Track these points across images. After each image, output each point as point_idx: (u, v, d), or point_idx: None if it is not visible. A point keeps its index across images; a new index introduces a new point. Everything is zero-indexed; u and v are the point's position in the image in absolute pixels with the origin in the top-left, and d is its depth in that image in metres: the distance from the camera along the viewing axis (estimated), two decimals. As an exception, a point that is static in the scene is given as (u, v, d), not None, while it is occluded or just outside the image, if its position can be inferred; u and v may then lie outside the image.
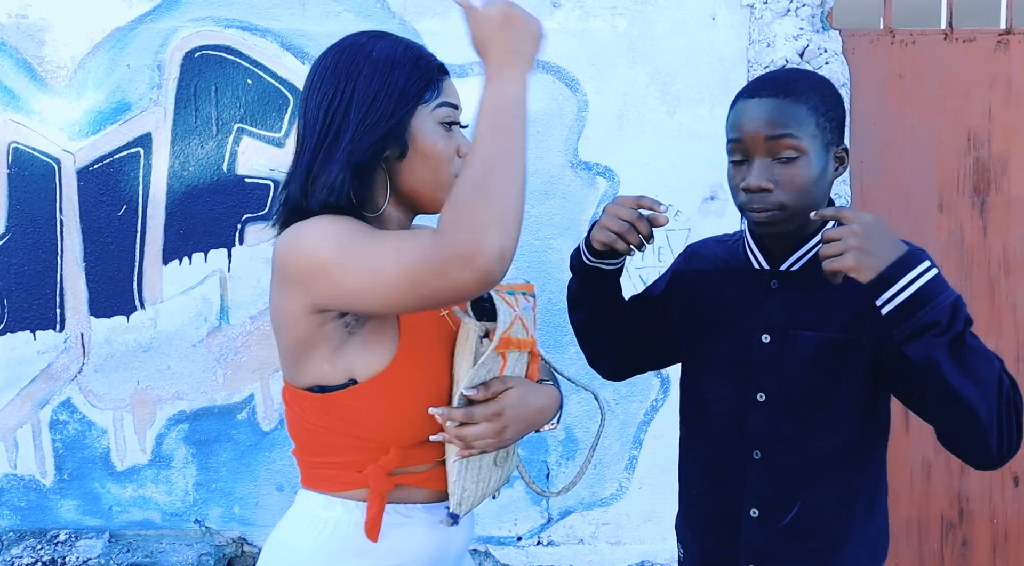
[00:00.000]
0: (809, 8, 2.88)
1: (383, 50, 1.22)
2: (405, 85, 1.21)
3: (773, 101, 1.32)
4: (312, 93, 1.24)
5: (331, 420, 1.22)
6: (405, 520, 1.24)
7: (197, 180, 2.88)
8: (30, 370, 2.90)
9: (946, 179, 3.02)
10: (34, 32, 2.86)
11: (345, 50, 1.24)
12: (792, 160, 1.31)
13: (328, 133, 1.20)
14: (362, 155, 1.20)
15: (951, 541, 3.05)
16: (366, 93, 1.20)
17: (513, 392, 1.22)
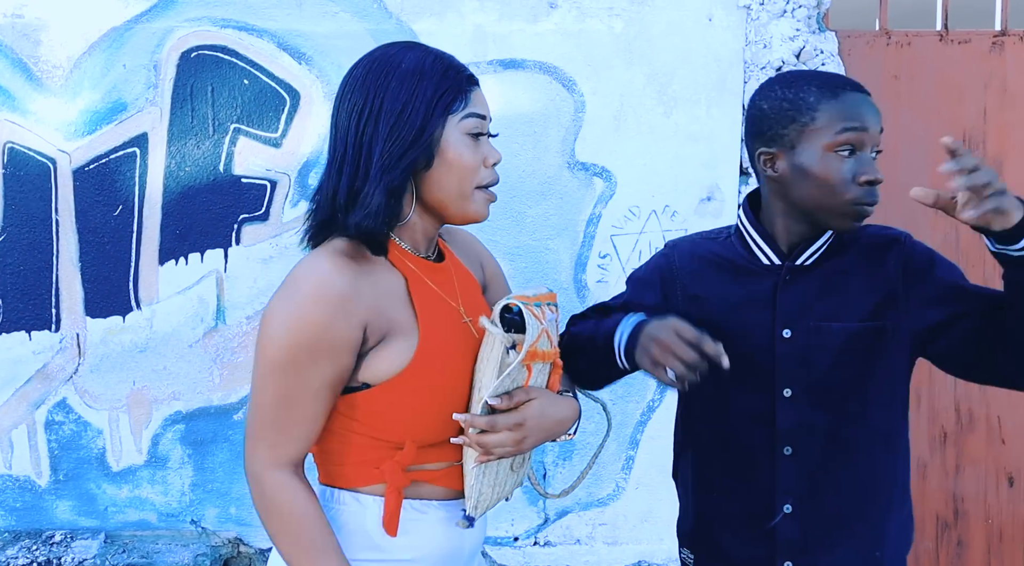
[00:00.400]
0: (805, 9, 2.89)
1: (412, 61, 1.24)
2: (433, 96, 1.22)
3: (870, 98, 1.36)
4: (343, 103, 1.25)
5: (346, 420, 1.24)
6: (420, 516, 1.26)
7: (193, 180, 2.88)
8: (25, 370, 2.89)
9: (942, 180, 3.01)
10: (30, 32, 2.85)
11: (375, 61, 1.25)
12: (878, 154, 1.36)
13: (361, 146, 1.22)
14: (396, 177, 1.21)
15: (946, 541, 3.06)
16: (394, 104, 1.22)
17: (535, 403, 1.24)
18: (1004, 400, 3.05)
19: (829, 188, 1.33)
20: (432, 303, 1.28)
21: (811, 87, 1.35)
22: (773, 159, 1.39)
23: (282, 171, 2.89)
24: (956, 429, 3.05)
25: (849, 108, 1.33)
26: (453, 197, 1.26)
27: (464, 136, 1.25)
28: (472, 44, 2.87)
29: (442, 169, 1.24)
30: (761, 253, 1.43)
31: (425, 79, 1.23)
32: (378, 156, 1.21)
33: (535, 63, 2.88)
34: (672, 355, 1.24)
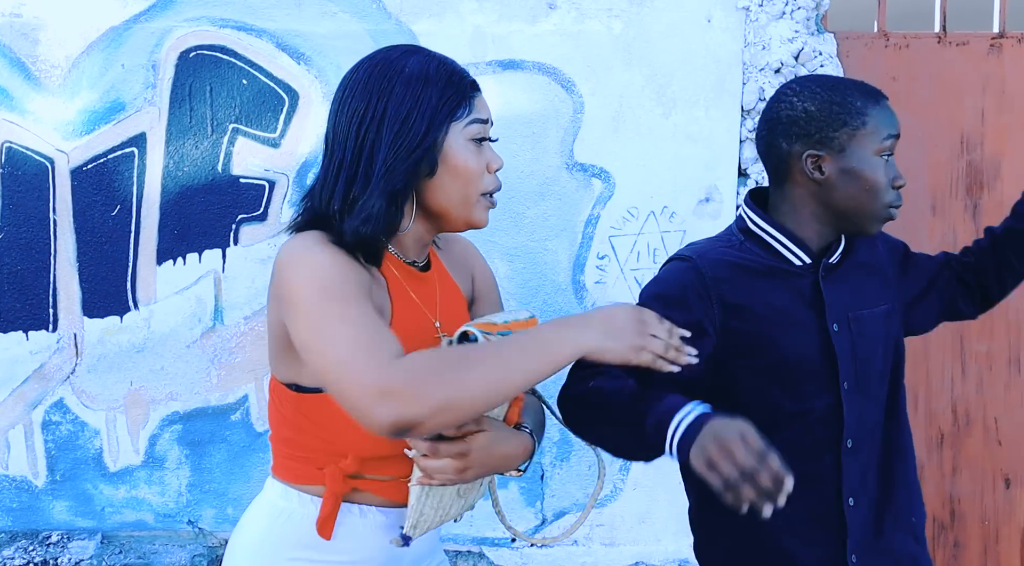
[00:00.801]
0: (804, 11, 2.89)
1: (415, 66, 1.22)
2: (438, 102, 1.21)
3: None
4: (343, 107, 1.23)
5: (301, 418, 1.24)
6: (360, 520, 1.25)
7: (192, 180, 2.88)
8: (22, 370, 2.88)
9: (939, 182, 3.03)
10: (28, 31, 2.85)
11: (377, 65, 1.23)
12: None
13: (362, 152, 1.20)
14: (398, 182, 1.19)
15: (943, 542, 3.07)
16: (398, 110, 1.20)
17: (483, 436, 1.19)
18: (1001, 402, 3.05)
19: (874, 191, 1.39)
20: (408, 314, 1.25)
21: (855, 92, 1.39)
22: (819, 161, 1.39)
23: (280, 171, 2.89)
24: (953, 431, 3.05)
25: (891, 115, 1.40)
26: (456, 204, 1.24)
27: (468, 142, 1.24)
28: (471, 45, 2.86)
29: (446, 176, 1.22)
30: (791, 254, 1.42)
31: (429, 85, 1.21)
32: (380, 162, 1.19)
33: (534, 64, 2.88)
34: (731, 460, 1.10)
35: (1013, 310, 3.04)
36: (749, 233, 1.45)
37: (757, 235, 1.44)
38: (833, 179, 1.39)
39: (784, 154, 1.41)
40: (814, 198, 1.40)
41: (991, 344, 3.03)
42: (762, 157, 1.47)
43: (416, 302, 1.27)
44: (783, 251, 1.42)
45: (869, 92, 1.40)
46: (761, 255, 1.43)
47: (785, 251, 1.42)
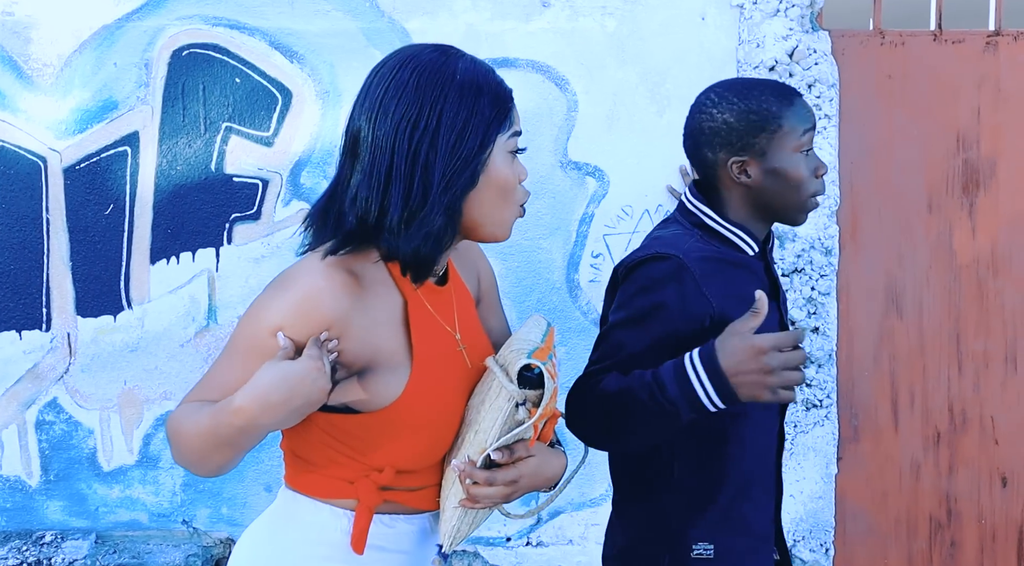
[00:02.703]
0: (799, 9, 2.88)
1: (466, 74, 1.17)
2: (491, 114, 1.17)
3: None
4: (383, 110, 1.16)
5: (327, 437, 1.21)
6: (388, 530, 1.24)
7: (185, 179, 2.87)
8: (16, 370, 2.88)
9: (935, 180, 3.02)
10: (20, 30, 2.84)
11: (425, 68, 1.17)
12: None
13: (415, 163, 1.14)
14: (458, 197, 1.16)
15: (939, 541, 3.06)
16: (454, 121, 1.15)
17: (533, 461, 1.21)
18: (998, 400, 3.05)
19: (798, 185, 1.48)
20: (429, 331, 1.23)
21: (768, 97, 1.47)
22: (744, 166, 1.47)
23: (274, 170, 2.89)
24: (949, 429, 3.05)
25: (804, 111, 1.48)
26: (491, 216, 1.20)
27: (507, 154, 1.20)
28: (464, 43, 2.83)
29: (485, 189, 1.18)
30: (746, 245, 1.51)
31: (482, 95, 1.17)
32: (439, 175, 1.14)
33: (528, 62, 2.88)
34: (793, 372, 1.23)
35: (1009, 308, 3.03)
36: (704, 227, 1.50)
37: (713, 228, 1.50)
38: (760, 181, 1.48)
39: (711, 162, 1.50)
40: (745, 198, 1.50)
41: (987, 343, 3.03)
42: (691, 163, 1.57)
43: (436, 319, 1.24)
44: (739, 243, 1.50)
45: (782, 93, 1.49)
46: (723, 248, 1.49)
47: (741, 243, 1.50)
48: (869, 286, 3.01)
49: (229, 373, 1.17)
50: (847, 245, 2.99)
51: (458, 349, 1.25)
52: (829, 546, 2.99)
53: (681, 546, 1.46)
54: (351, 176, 1.18)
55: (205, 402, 1.17)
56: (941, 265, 3.02)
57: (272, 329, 1.13)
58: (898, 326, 3.02)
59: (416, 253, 1.15)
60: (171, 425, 1.19)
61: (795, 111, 1.47)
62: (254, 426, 1.12)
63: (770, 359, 1.22)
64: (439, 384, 1.20)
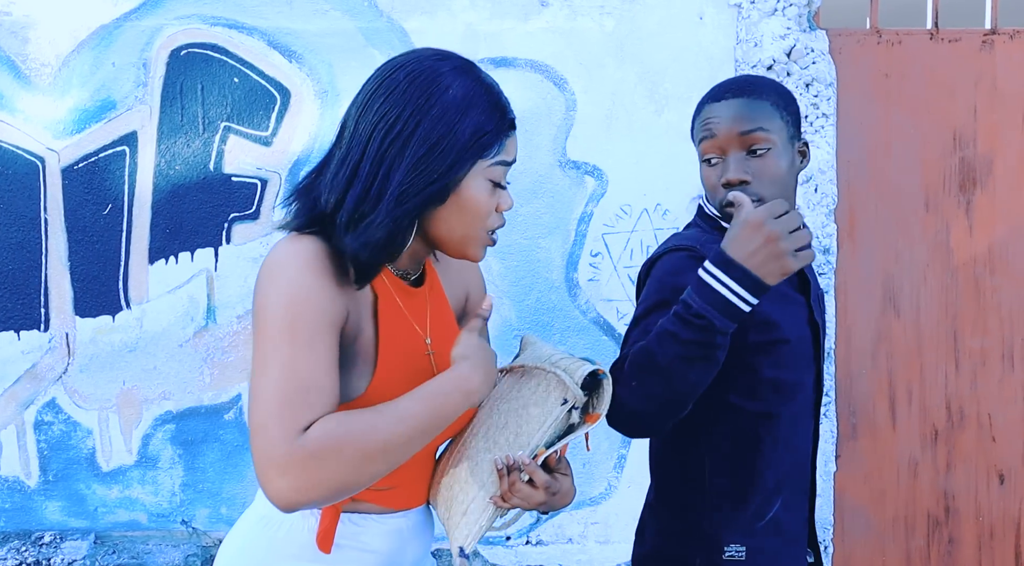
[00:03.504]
0: (796, 8, 2.89)
1: (460, 90, 1.14)
2: (471, 138, 1.14)
3: (740, 100, 1.42)
4: (371, 105, 1.15)
5: None
6: (357, 529, 1.23)
7: (183, 179, 2.87)
8: (14, 370, 2.87)
9: (932, 179, 3.03)
10: (18, 29, 2.84)
11: (422, 74, 1.15)
12: (765, 152, 1.41)
13: (380, 164, 1.13)
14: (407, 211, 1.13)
15: (937, 539, 3.07)
16: (429, 134, 1.13)
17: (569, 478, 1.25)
18: (995, 398, 3.06)
19: (710, 194, 1.47)
20: (398, 330, 1.21)
21: (698, 104, 1.49)
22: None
23: (272, 170, 2.88)
24: (947, 427, 3.05)
25: (705, 119, 1.44)
26: (456, 237, 1.18)
27: (485, 181, 1.17)
28: (463, 42, 2.86)
29: (453, 209, 1.16)
30: None
31: (468, 115, 1.14)
32: (396, 184, 1.12)
33: (526, 62, 2.88)
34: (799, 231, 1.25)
35: (1007, 306, 3.04)
36: (723, 230, 1.48)
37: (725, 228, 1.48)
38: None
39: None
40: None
41: (984, 340, 3.04)
42: None
43: (407, 318, 1.23)
44: None
45: (706, 97, 1.47)
46: None
47: None
48: (867, 284, 3.02)
49: (312, 365, 1.07)
50: (844, 243, 3.00)
51: (426, 352, 1.23)
52: (827, 544, 3.00)
53: (714, 548, 1.45)
54: (332, 161, 1.19)
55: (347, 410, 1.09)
56: (938, 263, 3.03)
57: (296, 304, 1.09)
58: (896, 324, 3.03)
59: (356, 256, 1.13)
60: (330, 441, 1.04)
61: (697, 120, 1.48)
62: (474, 401, 1.13)
63: (771, 226, 1.23)
64: (405, 383, 1.17)
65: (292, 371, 1.06)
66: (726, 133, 1.41)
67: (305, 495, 1.03)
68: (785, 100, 1.45)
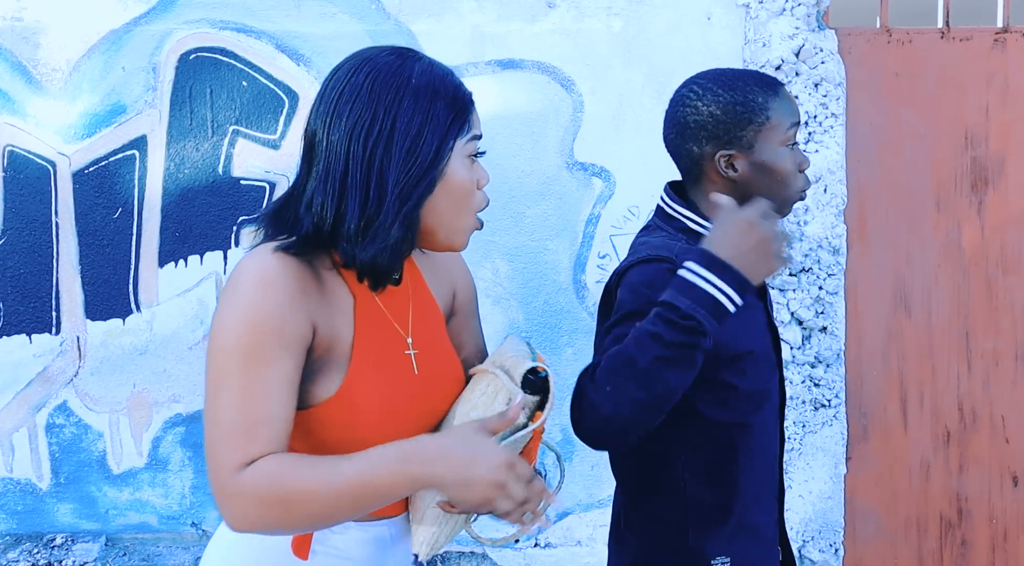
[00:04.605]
0: (805, 7, 2.88)
1: (421, 76, 1.15)
2: (446, 119, 1.15)
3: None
4: (337, 114, 1.14)
5: None
6: (337, 536, 1.21)
7: (192, 182, 2.88)
8: (26, 373, 2.89)
9: (943, 178, 3.01)
10: (29, 35, 2.86)
11: (380, 71, 1.14)
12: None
13: (370, 169, 1.12)
14: (414, 205, 1.13)
15: (950, 541, 3.04)
16: (408, 126, 1.12)
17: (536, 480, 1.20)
18: (1008, 398, 3.03)
19: (786, 181, 1.44)
20: (376, 331, 1.20)
21: (754, 87, 1.43)
22: (731, 160, 1.43)
23: (281, 173, 2.89)
24: (959, 428, 3.03)
25: (790, 104, 1.45)
26: (447, 223, 1.18)
27: (465, 159, 1.17)
28: (470, 44, 2.86)
29: (441, 195, 1.16)
30: None
31: (438, 99, 1.14)
32: (393, 183, 1.11)
33: (533, 63, 2.88)
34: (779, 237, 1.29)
35: (1019, 306, 3.01)
36: (689, 231, 1.46)
37: (697, 232, 1.45)
38: (747, 175, 1.43)
39: (696, 156, 1.46)
40: (732, 194, 1.43)
41: (997, 341, 3.01)
42: (673, 158, 1.53)
43: (387, 318, 1.22)
44: None
45: (767, 84, 1.44)
46: None
47: None
48: (877, 285, 3.00)
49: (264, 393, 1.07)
50: (855, 244, 2.98)
51: (406, 352, 1.22)
52: (839, 546, 2.98)
53: (700, 561, 1.43)
54: (306, 181, 1.16)
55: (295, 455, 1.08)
56: (950, 263, 3.00)
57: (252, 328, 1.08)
58: (907, 325, 3.01)
59: (374, 263, 1.13)
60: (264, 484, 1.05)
61: (781, 103, 1.43)
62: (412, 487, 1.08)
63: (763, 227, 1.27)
64: (382, 384, 1.16)
65: (243, 400, 1.07)
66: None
67: (243, 524, 1.06)
68: None
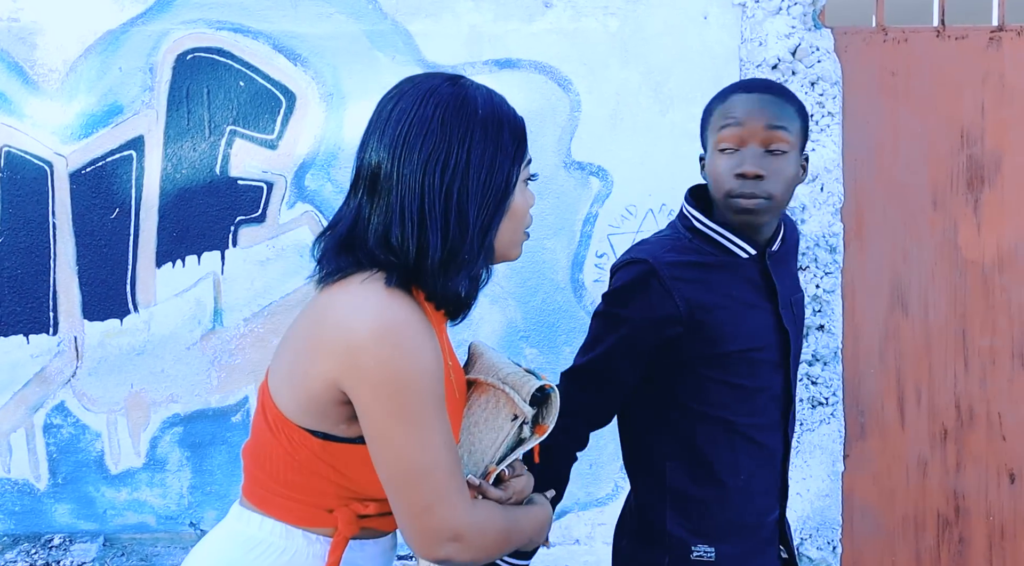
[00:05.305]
0: (801, 6, 2.88)
1: (487, 106, 1.18)
2: (511, 147, 1.18)
3: (772, 97, 1.44)
4: (410, 147, 1.14)
5: (323, 466, 1.17)
6: (358, 554, 1.21)
7: (190, 182, 2.88)
8: (23, 374, 2.89)
9: (939, 176, 3.02)
10: (25, 35, 2.86)
11: (448, 104, 1.16)
12: (783, 153, 1.43)
13: (449, 200, 1.13)
14: (493, 234, 1.17)
15: (947, 538, 3.05)
16: (482, 157, 1.15)
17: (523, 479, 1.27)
18: (1005, 396, 3.04)
19: (717, 183, 1.46)
20: (450, 367, 1.23)
21: (723, 90, 1.51)
22: (703, 162, 1.53)
23: (278, 173, 2.89)
24: (956, 426, 3.04)
25: (730, 108, 1.45)
26: (507, 245, 1.22)
27: (523, 183, 1.21)
28: (467, 44, 2.86)
29: (507, 219, 1.20)
30: (737, 248, 1.50)
31: (504, 128, 1.17)
32: (475, 213, 1.14)
33: (530, 63, 2.88)
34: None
35: (1016, 303, 3.02)
36: (696, 231, 1.51)
37: (704, 232, 1.50)
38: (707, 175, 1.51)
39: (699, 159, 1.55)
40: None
41: (993, 338, 3.02)
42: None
43: (450, 350, 1.26)
44: (729, 246, 1.50)
45: (731, 89, 1.48)
46: (711, 250, 1.50)
47: (731, 246, 1.49)
48: (874, 283, 3.01)
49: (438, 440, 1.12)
50: (852, 242, 2.99)
51: (451, 377, 1.23)
52: (836, 544, 2.99)
53: (681, 548, 1.49)
54: (372, 213, 1.16)
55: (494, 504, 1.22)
56: (947, 262, 3.01)
57: (431, 373, 1.11)
58: (904, 323, 3.02)
59: (458, 294, 1.16)
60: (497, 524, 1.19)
61: (722, 107, 1.46)
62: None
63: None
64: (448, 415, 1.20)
65: (444, 444, 1.13)
66: (753, 123, 1.41)
67: (466, 557, 1.16)
68: (803, 114, 1.48)
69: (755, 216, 1.44)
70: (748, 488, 1.50)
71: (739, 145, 1.42)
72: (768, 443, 1.51)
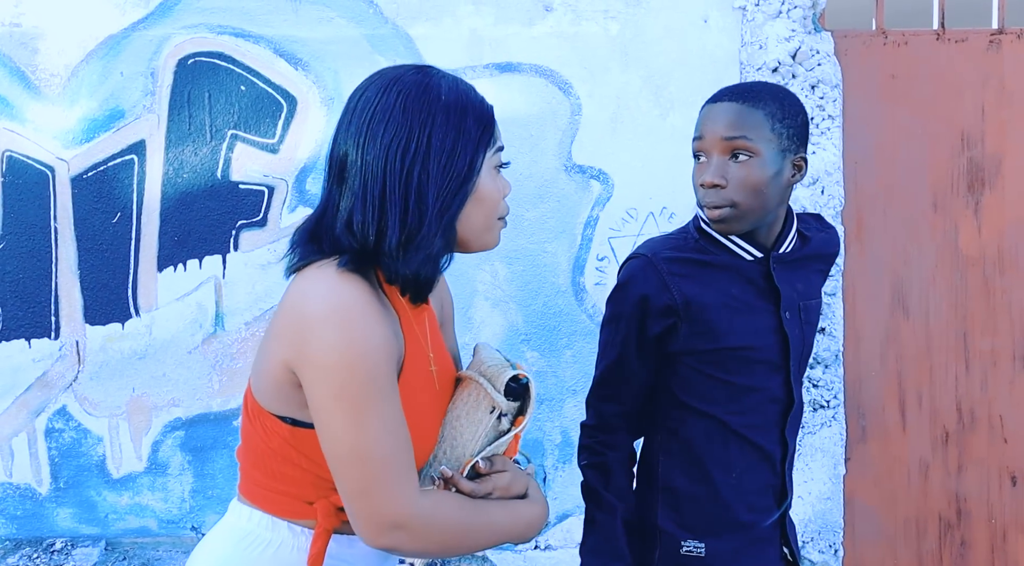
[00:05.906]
0: (801, 10, 2.89)
1: (450, 93, 1.19)
2: (476, 133, 1.19)
3: (733, 105, 1.45)
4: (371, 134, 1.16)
5: (293, 452, 1.18)
6: (346, 550, 1.22)
7: (191, 187, 2.88)
8: (25, 378, 2.89)
9: (940, 179, 3.02)
10: (27, 40, 2.86)
11: (410, 91, 1.17)
12: (746, 160, 1.43)
13: (409, 185, 1.15)
14: (452, 217, 1.17)
15: (949, 541, 3.05)
16: (443, 142, 1.16)
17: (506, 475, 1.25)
18: (1006, 399, 3.04)
19: (695, 192, 1.50)
20: (414, 348, 1.22)
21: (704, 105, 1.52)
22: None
23: (280, 177, 2.90)
24: (958, 428, 3.04)
25: (699, 119, 1.49)
26: (479, 231, 1.23)
27: (492, 169, 1.23)
28: (468, 48, 2.87)
29: (474, 206, 1.21)
30: (742, 251, 1.52)
31: (468, 114, 1.19)
32: (434, 197, 1.15)
33: (531, 66, 2.89)
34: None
35: (1017, 306, 3.02)
36: (703, 232, 1.54)
37: (710, 234, 1.53)
38: None
39: None
40: None
41: (995, 341, 3.02)
42: None
43: (419, 337, 1.24)
44: (733, 247, 1.52)
45: (711, 97, 1.50)
46: (716, 251, 1.52)
47: (737, 248, 1.52)
48: (875, 286, 3.01)
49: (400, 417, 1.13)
50: (852, 245, 2.99)
51: (430, 369, 1.24)
52: (838, 547, 2.99)
53: (671, 542, 1.53)
54: (340, 200, 1.18)
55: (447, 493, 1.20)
56: (947, 264, 3.01)
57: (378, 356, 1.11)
58: (905, 326, 3.02)
59: (416, 275, 1.16)
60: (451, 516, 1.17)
61: (699, 116, 1.49)
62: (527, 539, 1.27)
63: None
64: (415, 403, 1.19)
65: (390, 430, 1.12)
66: (711, 135, 1.45)
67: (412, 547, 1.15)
68: (785, 112, 1.46)
69: (724, 224, 1.46)
70: (740, 486, 1.52)
71: (707, 156, 1.46)
72: (763, 444, 1.53)
